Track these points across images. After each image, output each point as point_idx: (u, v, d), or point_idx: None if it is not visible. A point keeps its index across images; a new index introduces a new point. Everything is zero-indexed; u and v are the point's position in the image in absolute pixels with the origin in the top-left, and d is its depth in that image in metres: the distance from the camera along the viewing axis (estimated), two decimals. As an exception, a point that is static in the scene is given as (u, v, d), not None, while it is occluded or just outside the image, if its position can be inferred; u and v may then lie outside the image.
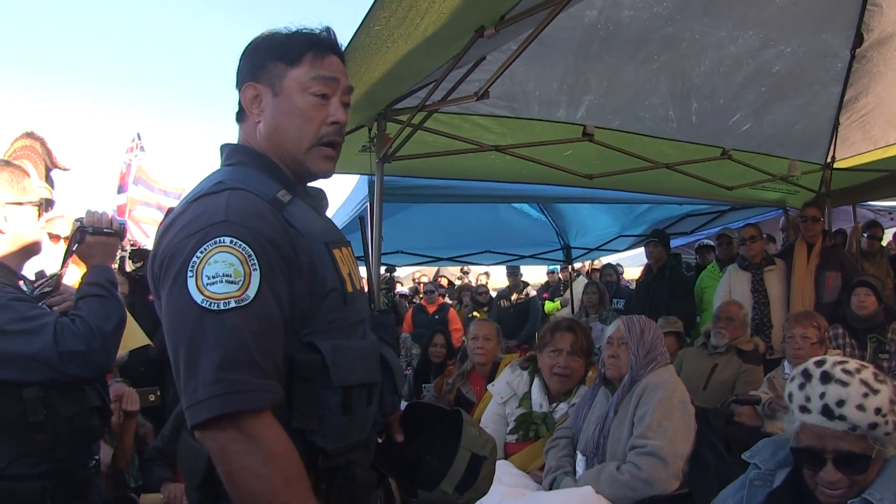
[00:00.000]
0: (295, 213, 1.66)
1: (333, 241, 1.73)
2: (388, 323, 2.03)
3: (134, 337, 3.53)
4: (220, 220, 1.54)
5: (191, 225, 1.56)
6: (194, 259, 1.50)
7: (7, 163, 2.53)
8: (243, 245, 1.51)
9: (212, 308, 1.47)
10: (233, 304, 1.47)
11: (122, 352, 3.76)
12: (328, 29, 1.80)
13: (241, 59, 1.80)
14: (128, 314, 3.38)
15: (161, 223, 1.71)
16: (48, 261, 2.89)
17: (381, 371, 1.82)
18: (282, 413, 1.55)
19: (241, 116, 1.81)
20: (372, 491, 1.84)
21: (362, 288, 1.82)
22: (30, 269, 2.82)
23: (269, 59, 1.73)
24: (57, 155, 3.27)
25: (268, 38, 1.77)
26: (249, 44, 1.80)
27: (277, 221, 1.60)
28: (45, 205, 3.07)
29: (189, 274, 1.49)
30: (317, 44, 1.75)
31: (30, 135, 3.25)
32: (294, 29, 1.77)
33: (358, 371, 1.68)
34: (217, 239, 1.51)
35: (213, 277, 1.48)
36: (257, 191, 1.63)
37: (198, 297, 1.47)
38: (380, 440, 1.96)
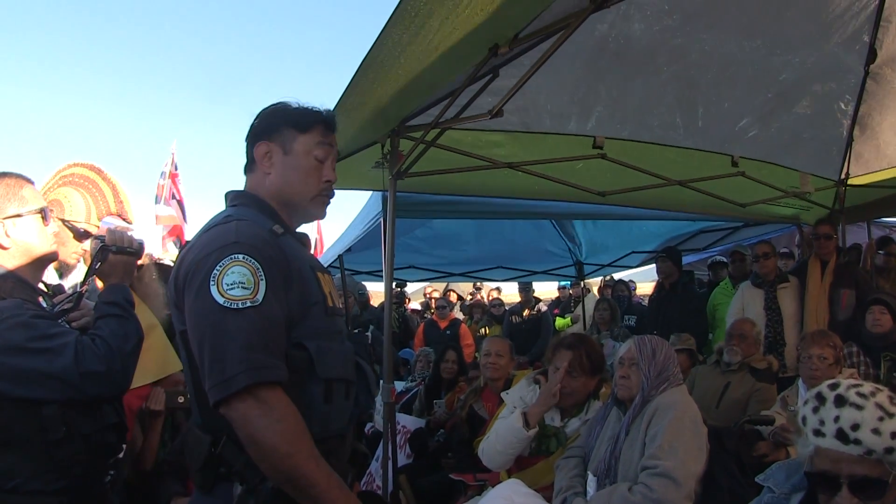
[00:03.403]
0: (286, 242, 2.06)
1: (317, 267, 2.14)
2: (364, 341, 2.39)
3: (168, 363, 3.48)
4: (232, 241, 1.92)
5: (209, 246, 1.94)
6: (215, 271, 1.86)
7: (2, 174, 2.48)
8: (252, 260, 1.89)
9: (232, 307, 1.83)
10: (248, 304, 1.84)
11: (161, 377, 3.73)
12: (330, 111, 2.26)
13: (255, 121, 2.22)
14: (165, 339, 3.39)
15: (181, 250, 2.13)
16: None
17: (356, 375, 2.18)
18: None
19: (250, 168, 2.22)
20: (346, 481, 2.10)
21: (340, 308, 2.22)
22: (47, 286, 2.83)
23: (283, 124, 2.17)
24: (129, 209, 3.27)
25: (282, 107, 2.20)
26: (264, 110, 2.22)
27: (275, 244, 2.00)
28: (81, 235, 3.08)
29: (211, 283, 1.85)
30: (323, 121, 2.21)
31: (98, 171, 3.22)
32: (303, 104, 2.21)
33: (337, 368, 2.06)
34: (232, 255, 1.89)
35: (231, 284, 1.85)
36: (257, 223, 2.03)
37: (220, 300, 1.84)
38: None
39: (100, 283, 2.64)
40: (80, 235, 2.99)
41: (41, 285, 2.65)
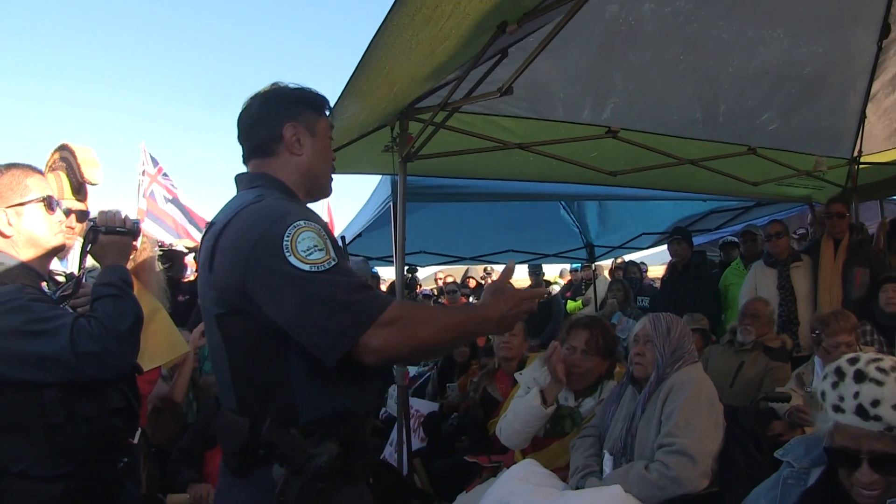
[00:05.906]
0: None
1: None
2: None
3: (176, 346, 3.52)
4: (284, 212, 1.91)
5: (261, 221, 1.90)
6: (285, 242, 1.84)
7: (9, 166, 2.48)
8: (312, 223, 1.89)
9: (320, 270, 1.83)
10: (332, 263, 1.85)
11: (167, 364, 3.78)
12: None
13: (269, 104, 2.18)
14: (170, 322, 3.42)
15: (205, 234, 2.10)
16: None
17: None
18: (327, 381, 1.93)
19: (269, 149, 2.16)
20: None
21: None
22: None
23: (304, 107, 2.19)
24: (87, 169, 3.26)
25: (294, 89, 2.22)
26: (275, 92, 2.21)
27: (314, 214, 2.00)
28: (80, 216, 3.09)
29: (287, 254, 1.83)
30: (328, 103, 2.28)
31: (63, 147, 3.24)
32: (303, 86, 2.23)
33: None
34: (294, 223, 1.87)
35: (308, 250, 1.84)
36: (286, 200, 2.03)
37: (305, 267, 1.82)
38: None
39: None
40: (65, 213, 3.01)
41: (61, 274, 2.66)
